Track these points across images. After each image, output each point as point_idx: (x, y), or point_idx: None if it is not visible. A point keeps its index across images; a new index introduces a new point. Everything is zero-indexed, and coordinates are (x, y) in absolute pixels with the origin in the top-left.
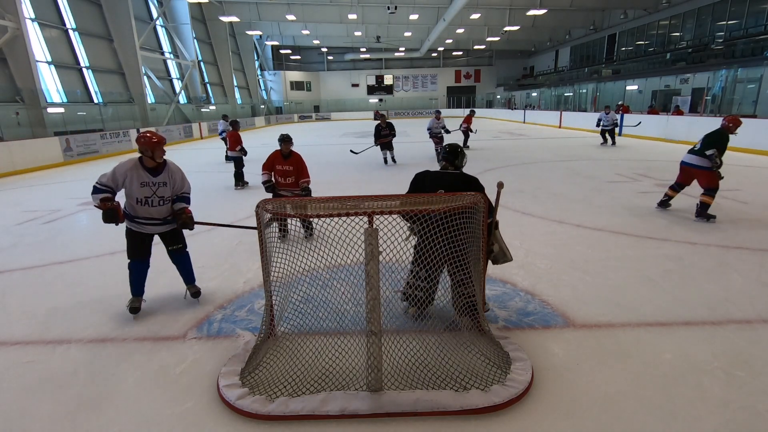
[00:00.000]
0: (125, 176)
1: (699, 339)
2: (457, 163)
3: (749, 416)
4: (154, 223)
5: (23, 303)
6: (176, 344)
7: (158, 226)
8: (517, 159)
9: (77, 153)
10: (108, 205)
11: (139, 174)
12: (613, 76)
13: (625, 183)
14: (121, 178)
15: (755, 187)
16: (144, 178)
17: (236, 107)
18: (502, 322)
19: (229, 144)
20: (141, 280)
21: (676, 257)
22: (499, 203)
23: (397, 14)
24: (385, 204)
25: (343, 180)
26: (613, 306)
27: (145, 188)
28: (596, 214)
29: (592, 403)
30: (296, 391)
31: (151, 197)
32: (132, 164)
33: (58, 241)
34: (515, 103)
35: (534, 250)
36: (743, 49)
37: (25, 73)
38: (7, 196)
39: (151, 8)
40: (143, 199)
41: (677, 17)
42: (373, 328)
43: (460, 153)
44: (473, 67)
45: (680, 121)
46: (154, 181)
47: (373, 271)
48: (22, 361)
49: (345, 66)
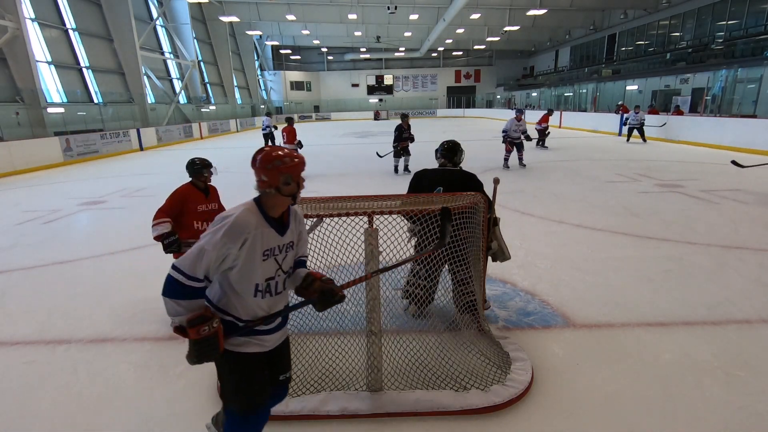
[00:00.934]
0: (241, 242)
1: (699, 339)
2: (456, 159)
3: (749, 416)
4: (275, 328)
5: (23, 303)
6: (176, 344)
7: (278, 331)
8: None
9: (77, 153)
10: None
11: (264, 236)
12: (613, 76)
13: (625, 183)
14: (233, 250)
15: (755, 187)
16: (271, 241)
17: (236, 107)
18: (502, 322)
19: (286, 138)
20: None
21: (676, 257)
22: (495, 199)
23: (397, 14)
24: (385, 204)
25: (344, 179)
26: (613, 306)
27: (269, 262)
28: (596, 214)
29: (592, 402)
30: (296, 391)
31: (275, 277)
32: (250, 217)
33: (58, 241)
34: (515, 103)
35: (534, 250)
36: (743, 49)
37: (25, 73)
38: (7, 196)
39: (151, 8)
40: (265, 285)
41: (677, 17)
42: (373, 328)
43: (459, 150)
44: (473, 67)
45: (680, 121)
46: (282, 244)
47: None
48: (22, 361)
49: (345, 66)
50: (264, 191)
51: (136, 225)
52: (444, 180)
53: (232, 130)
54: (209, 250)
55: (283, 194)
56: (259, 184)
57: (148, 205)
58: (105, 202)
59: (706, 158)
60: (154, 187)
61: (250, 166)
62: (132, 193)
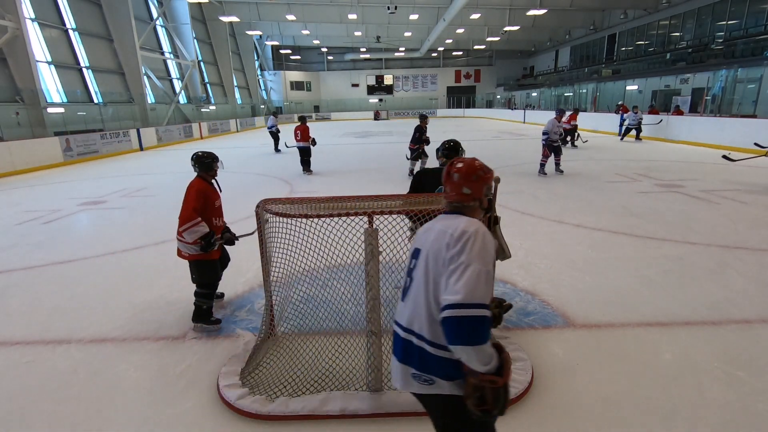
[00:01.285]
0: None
1: (699, 339)
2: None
3: (749, 416)
4: None
5: (23, 303)
6: (176, 344)
7: None
8: (517, 159)
9: (77, 153)
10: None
11: None
12: (613, 76)
13: (625, 183)
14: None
15: (755, 187)
16: None
17: (236, 107)
18: (502, 322)
19: (300, 136)
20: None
21: (676, 257)
22: (496, 198)
23: (397, 14)
24: (385, 204)
25: (344, 179)
26: (613, 306)
27: None
28: (596, 214)
29: (592, 403)
30: (296, 391)
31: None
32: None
33: (58, 241)
34: (515, 103)
35: (534, 250)
36: (743, 49)
37: (25, 73)
38: (7, 196)
39: (151, 8)
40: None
41: (677, 17)
42: (373, 328)
43: (460, 149)
44: (473, 67)
45: (680, 120)
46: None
47: (373, 271)
48: (22, 361)
49: (345, 66)
50: (464, 205)
51: (136, 225)
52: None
53: (232, 130)
54: (491, 270)
55: (482, 207)
56: (458, 197)
57: (148, 205)
58: (105, 202)
59: (706, 158)
60: (154, 187)
61: (445, 179)
62: (132, 193)
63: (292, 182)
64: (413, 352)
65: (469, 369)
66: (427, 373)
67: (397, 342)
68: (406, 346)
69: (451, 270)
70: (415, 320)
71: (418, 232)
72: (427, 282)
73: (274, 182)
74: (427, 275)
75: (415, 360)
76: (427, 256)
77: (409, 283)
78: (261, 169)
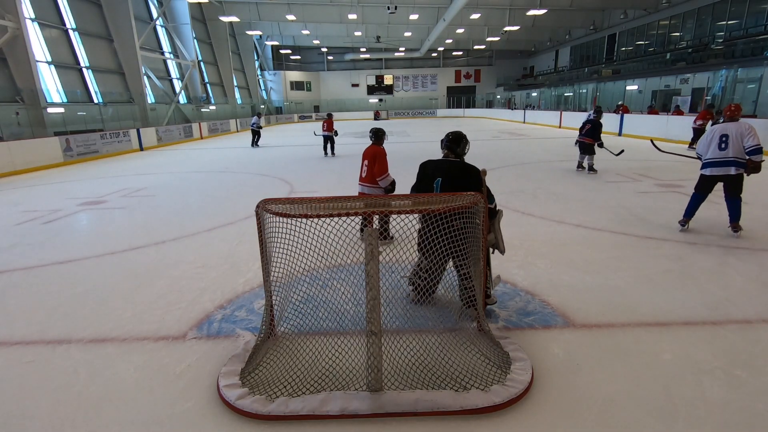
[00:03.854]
0: None
1: (699, 339)
2: (459, 151)
3: (749, 416)
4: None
5: (23, 303)
6: (176, 344)
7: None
8: (517, 159)
9: (77, 153)
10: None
11: None
12: (613, 76)
13: (625, 183)
14: None
15: (755, 187)
16: None
17: (236, 107)
18: (502, 322)
19: (326, 127)
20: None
21: (676, 257)
22: (490, 192)
23: (397, 14)
24: (386, 204)
25: (344, 179)
26: (613, 306)
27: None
28: (596, 214)
29: (592, 403)
30: (296, 391)
31: None
32: None
33: (58, 241)
34: (515, 103)
35: (534, 250)
36: (743, 49)
37: (25, 73)
38: (7, 196)
39: (151, 8)
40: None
41: (677, 17)
42: (373, 328)
43: (463, 141)
44: (473, 67)
45: (680, 120)
46: None
47: (373, 271)
48: (22, 361)
49: (345, 66)
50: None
51: (136, 225)
52: (444, 170)
53: (232, 130)
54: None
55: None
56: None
57: (148, 205)
58: (105, 202)
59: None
60: (154, 187)
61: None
62: (132, 193)
63: (292, 182)
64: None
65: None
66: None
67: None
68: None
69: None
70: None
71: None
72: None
73: (274, 182)
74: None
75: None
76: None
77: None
78: (261, 169)
